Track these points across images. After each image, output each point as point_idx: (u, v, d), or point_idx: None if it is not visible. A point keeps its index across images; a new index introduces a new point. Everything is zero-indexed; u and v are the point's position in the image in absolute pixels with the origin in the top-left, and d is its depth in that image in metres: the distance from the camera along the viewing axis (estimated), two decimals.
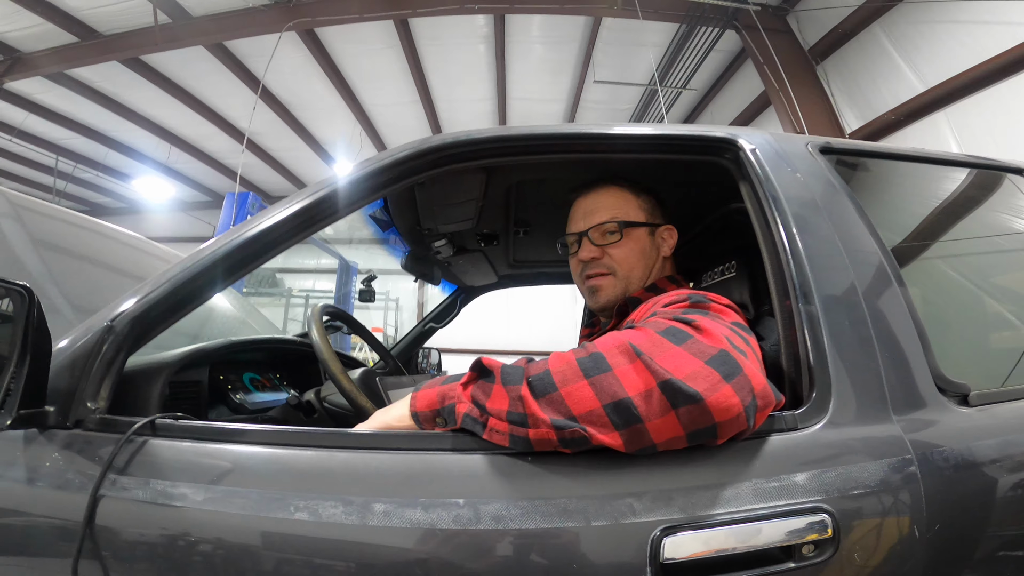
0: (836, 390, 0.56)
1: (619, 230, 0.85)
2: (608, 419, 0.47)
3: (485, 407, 0.53)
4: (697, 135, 0.79)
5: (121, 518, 0.54)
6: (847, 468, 0.53)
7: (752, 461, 0.52)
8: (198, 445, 0.58)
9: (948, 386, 0.61)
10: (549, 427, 0.48)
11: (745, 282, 0.83)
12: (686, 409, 0.46)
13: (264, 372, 1.16)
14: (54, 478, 0.57)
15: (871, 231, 0.68)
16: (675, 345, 0.50)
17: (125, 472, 0.56)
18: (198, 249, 0.68)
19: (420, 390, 0.60)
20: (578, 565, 0.48)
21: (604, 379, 0.49)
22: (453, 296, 1.98)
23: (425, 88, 6.68)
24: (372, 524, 0.50)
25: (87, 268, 1.15)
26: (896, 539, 0.53)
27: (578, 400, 0.48)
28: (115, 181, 9.58)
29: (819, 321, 0.59)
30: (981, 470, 0.57)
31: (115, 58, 5.73)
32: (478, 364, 0.57)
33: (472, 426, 0.53)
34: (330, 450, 0.56)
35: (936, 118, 3.88)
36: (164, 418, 0.59)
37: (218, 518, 0.52)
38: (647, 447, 0.48)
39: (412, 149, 0.74)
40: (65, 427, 0.60)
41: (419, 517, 0.49)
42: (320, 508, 0.51)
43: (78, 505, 0.53)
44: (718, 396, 0.46)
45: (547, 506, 0.49)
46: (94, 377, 0.61)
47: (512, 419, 0.51)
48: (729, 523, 0.49)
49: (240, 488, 0.53)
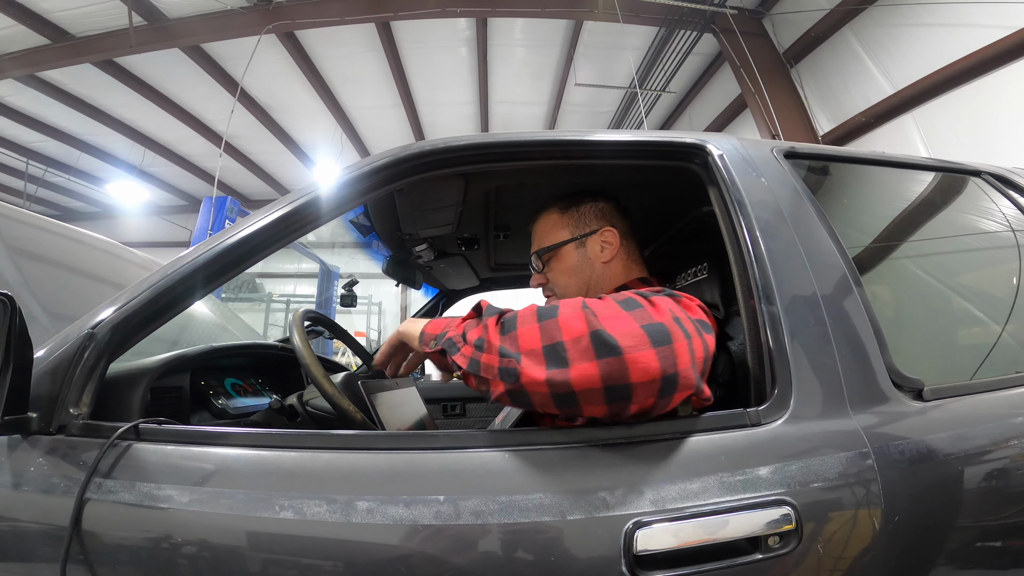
0: (796, 387, 0.59)
1: (541, 258, 0.94)
2: (543, 357, 0.53)
3: (464, 336, 0.61)
4: (668, 141, 0.82)
5: (107, 521, 0.55)
6: (807, 462, 0.55)
7: (718, 455, 0.54)
8: (182, 448, 0.59)
9: (903, 382, 0.63)
10: (497, 354, 0.55)
11: (716, 283, 0.86)
12: (606, 361, 0.50)
13: (246, 377, 1.15)
14: (39, 483, 0.58)
15: (831, 234, 0.71)
16: (623, 310, 0.55)
17: (110, 476, 0.57)
18: (179, 256, 0.68)
19: (435, 319, 0.70)
20: (556, 558, 0.49)
21: (549, 324, 0.55)
22: (435, 299, 1.98)
23: (407, 91, 6.67)
24: (356, 521, 0.51)
25: (61, 274, 1.13)
26: (857, 531, 0.55)
27: (528, 339, 0.55)
28: (87, 185, 9.34)
29: (780, 321, 0.62)
30: (936, 462, 0.60)
31: (88, 60, 5.59)
32: (478, 305, 0.64)
33: (450, 347, 0.61)
34: (313, 451, 0.57)
35: (904, 120, 4.00)
36: (147, 422, 0.60)
37: (204, 519, 0.53)
38: (566, 393, 0.52)
39: (391, 156, 0.75)
40: (48, 432, 0.60)
41: (401, 514, 0.51)
42: (305, 507, 0.52)
43: (64, 509, 0.54)
44: (638, 356, 0.50)
45: (524, 501, 0.51)
46: (76, 383, 0.61)
47: (477, 344, 0.58)
48: (698, 515, 0.51)
49: (226, 489, 0.54)
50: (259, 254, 0.71)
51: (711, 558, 0.51)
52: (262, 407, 1.11)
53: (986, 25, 3.30)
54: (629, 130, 0.98)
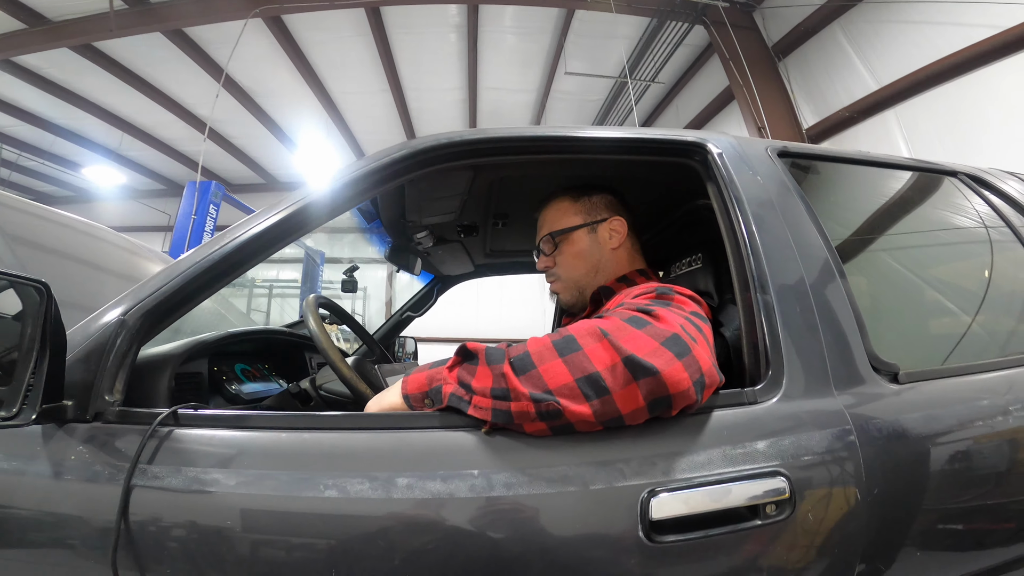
0: (788, 369, 0.64)
1: (553, 241, 0.96)
2: (580, 391, 0.53)
3: (470, 386, 0.58)
4: (670, 139, 0.86)
5: (156, 507, 0.56)
6: (798, 437, 0.60)
7: (721, 430, 0.59)
8: (222, 433, 0.60)
9: (881, 366, 0.69)
10: (528, 400, 0.54)
11: (710, 273, 0.91)
12: (645, 381, 0.53)
13: (253, 362, 1.17)
14: (81, 472, 0.58)
15: (818, 228, 0.77)
16: (636, 329, 0.57)
17: (154, 462, 0.57)
18: (207, 243, 0.70)
19: (410, 375, 0.66)
20: (580, 524, 0.54)
21: (576, 357, 0.55)
22: (430, 285, 2.01)
23: (395, 77, 6.58)
24: (397, 497, 0.54)
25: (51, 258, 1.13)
26: (842, 501, 0.60)
27: (554, 375, 0.54)
28: (62, 169, 9.07)
29: (774, 309, 0.67)
30: (909, 440, 0.65)
31: (65, 45, 5.41)
32: (463, 349, 0.62)
33: (457, 404, 0.58)
34: (349, 431, 0.60)
35: (886, 115, 4.06)
36: (184, 408, 0.61)
37: (253, 501, 0.55)
38: (614, 418, 0.54)
39: (409, 149, 0.77)
40: (85, 420, 0.61)
41: (439, 488, 0.54)
42: (348, 485, 0.55)
43: (111, 497, 0.55)
44: (671, 371, 0.53)
45: (550, 472, 0.55)
46: (109, 370, 0.62)
47: (496, 394, 0.56)
48: (704, 485, 0.56)
49: (270, 471, 0.56)
50: (282, 242, 0.72)
51: (716, 524, 0.56)
52: (271, 392, 1.14)
53: (973, 24, 3.34)
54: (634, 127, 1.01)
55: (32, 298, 0.58)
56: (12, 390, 0.58)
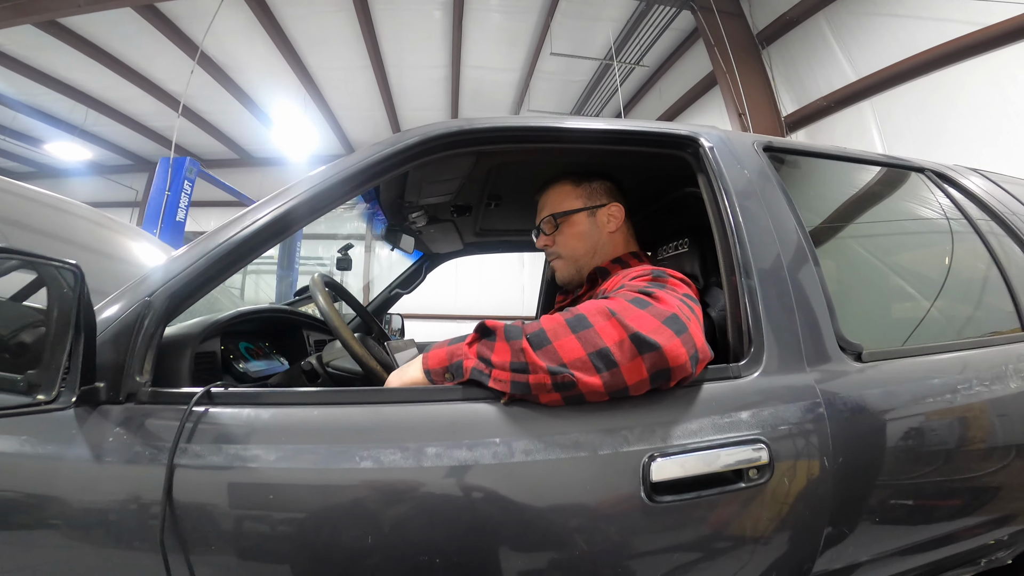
0: (767, 347, 0.71)
1: (555, 222, 1.01)
2: (592, 364, 0.59)
3: (490, 360, 0.63)
4: (667, 132, 0.92)
5: (200, 484, 0.57)
6: (776, 409, 0.67)
7: (710, 401, 0.66)
8: (256, 410, 0.62)
9: (847, 346, 0.76)
10: (545, 372, 0.59)
11: (696, 257, 0.98)
12: (649, 355, 0.59)
13: (255, 341, 1.19)
14: (122, 453, 0.58)
15: (796, 218, 0.83)
16: (639, 309, 0.63)
17: (193, 440, 0.59)
18: (227, 225, 0.71)
19: (430, 351, 0.70)
20: (591, 486, 0.60)
21: (588, 334, 0.61)
22: (419, 263, 2.04)
23: (377, 54, 6.41)
24: (428, 465, 0.58)
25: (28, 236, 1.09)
26: (813, 468, 0.66)
27: (568, 350, 0.60)
28: (23, 145, 8.62)
29: (756, 293, 0.74)
30: (870, 413, 0.72)
31: (29, 21, 5.10)
32: (482, 326, 0.67)
33: (479, 377, 0.63)
34: (378, 405, 0.63)
35: (862, 106, 4.15)
36: (217, 387, 0.63)
37: (294, 475, 0.57)
38: (621, 388, 0.60)
39: (421, 136, 0.80)
40: (117, 402, 0.61)
41: (466, 455, 0.59)
42: (382, 456, 0.58)
43: (155, 477, 0.56)
44: (672, 346, 0.60)
45: (564, 439, 0.61)
46: (139, 352, 0.62)
47: (515, 368, 0.61)
48: (697, 450, 0.62)
49: (307, 445, 0.59)
50: (299, 224, 0.74)
51: (707, 486, 0.62)
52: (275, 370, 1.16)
53: (954, 20, 3.39)
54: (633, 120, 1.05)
55: (64, 280, 0.58)
56: (47, 373, 0.57)
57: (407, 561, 0.57)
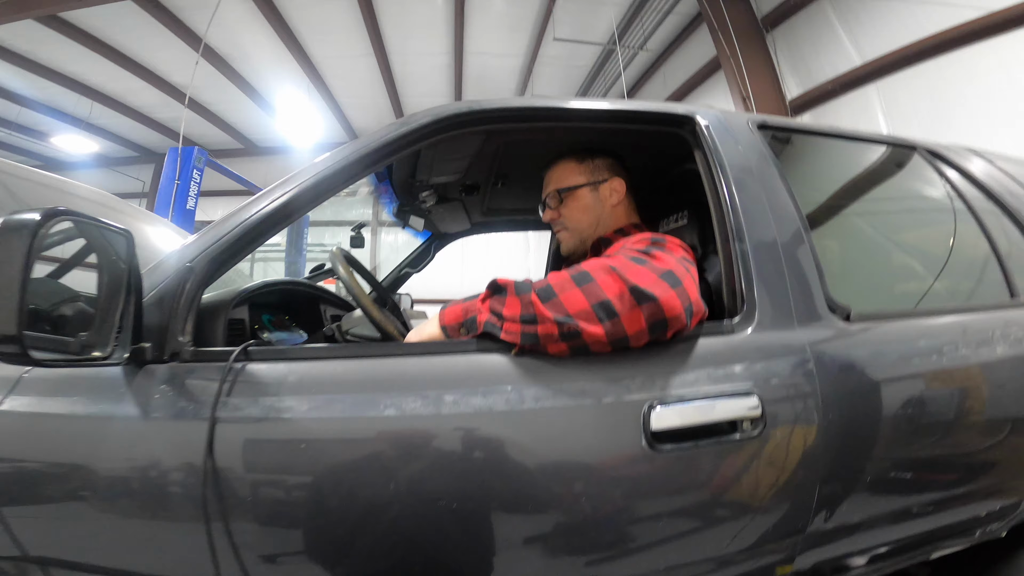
0: (759, 306, 0.76)
1: (560, 196, 1.07)
2: (595, 315, 0.64)
3: (502, 314, 0.68)
4: (665, 112, 0.96)
5: (240, 435, 0.61)
6: (768, 363, 0.71)
7: (707, 355, 0.70)
8: (289, 365, 0.66)
9: (836, 307, 0.79)
10: (552, 323, 0.64)
11: (695, 228, 1.03)
12: (647, 306, 0.64)
13: (275, 313, 1.23)
14: (168, 409, 0.62)
15: (788, 191, 0.88)
16: (639, 266, 0.68)
17: (232, 395, 0.63)
18: (259, 196, 0.76)
19: (446, 308, 0.75)
20: (595, 431, 0.64)
21: (591, 287, 0.65)
22: (427, 242, 2.09)
23: (379, 40, 6.42)
24: (446, 412, 0.63)
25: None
26: (804, 421, 0.69)
27: (573, 302, 0.65)
28: (29, 139, 8.69)
29: (749, 257, 0.79)
30: (858, 371, 0.75)
31: (31, 16, 5.13)
32: (494, 283, 0.72)
33: (491, 330, 0.68)
34: (400, 358, 0.68)
35: (868, 90, 4.12)
36: (253, 345, 0.66)
37: (325, 423, 0.62)
38: (622, 338, 0.64)
39: (434, 116, 0.84)
40: (162, 361, 0.65)
41: (481, 402, 0.64)
42: (404, 403, 0.63)
43: (199, 427, 0.60)
44: (667, 298, 0.65)
45: (571, 387, 0.65)
46: (180, 313, 0.66)
47: (524, 320, 0.66)
48: (694, 400, 0.66)
49: (336, 395, 0.63)
50: (325, 196, 0.79)
51: (704, 436, 0.66)
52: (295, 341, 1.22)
53: (961, 5, 3.35)
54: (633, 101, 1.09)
55: (114, 245, 0.62)
56: (101, 333, 0.61)
57: (427, 500, 0.61)
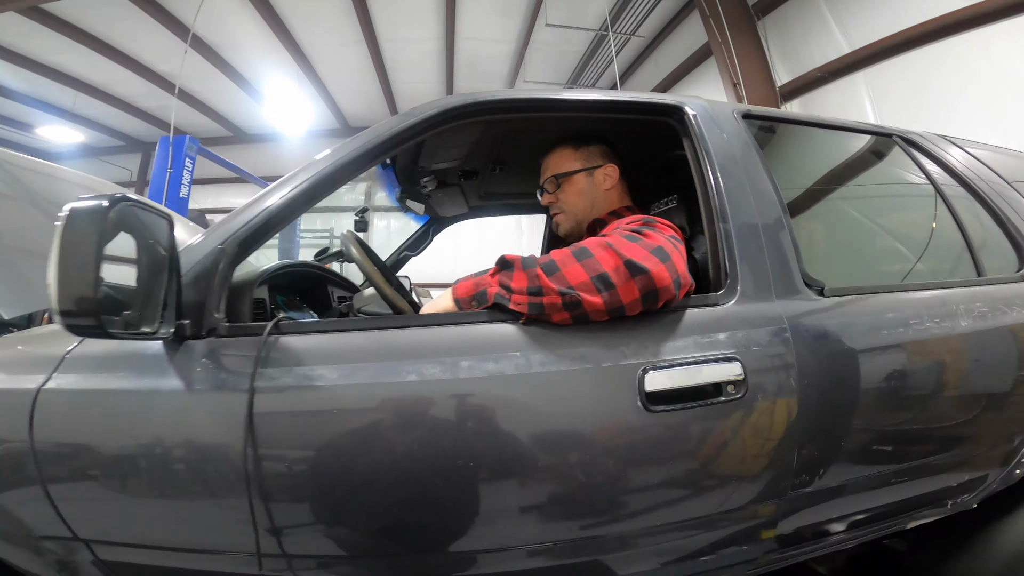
0: (741, 281, 0.83)
1: (557, 181, 1.14)
2: (594, 286, 0.71)
3: (510, 287, 0.75)
4: (655, 102, 1.03)
5: (277, 403, 0.66)
6: (749, 332, 0.77)
7: (694, 324, 0.78)
8: (319, 336, 0.72)
9: (811, 282, 0.86)
10: (556, 293, 0.71)
11: (683, 210, 1.11)
12: (640, 278, 0.71)
13: (287, 295, 1.29)
14: (210, 381, 0.67)
15: (769, 176, 0.95)
16: (631, 242, 0.75)
17: (268, 365, 0.67)
18: (284, 180, 0.80)
19: (458, 283, 0.82)
20: (596, 393, 0.71)
21: (590, 261, 0.72)
22: (426, 226, 2.15)
23: (369, 27, 6.35)
24: (462, 376, 0.69)
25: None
26: (782, 387, 0.75)
27: (574, 275, 0.72)
28: (14, 131, 8.55)
29: (732, 236, 0.86)
30: (831, 340, 0.81)
31: (11, 8, 5.07)
32: (502, 259, 0.78)
33: (501, 301, 0.75)
34: (418, 328, 0.74)
35: (855, 78, 4.18)
36: (284, 319, 0.71)
37: (353, 390, 0.67)
38: (618, 307, 0.71)
39: (439, 107, 0.89)
40: (200, 336, 0.70)
41: (493, 367, 0.70)
42: (424, 369, 0.69)
43: (239, 399, 0.64)
44: (658, 271, 0.71)
45: (573, 352, 0.72)
46: (215, 291, 0.71)
47: (531, 291, 0.73)
48: (683, 365, 0.73)
49: (361, 364, 0.69)
50: (343, 180, 0.83)
51: (692, 398, 0.72)
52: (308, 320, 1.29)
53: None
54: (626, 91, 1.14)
55: (159, 226, 0.66)
56: (147, 308, 0.64)
57: (446, 456, 0.68)
